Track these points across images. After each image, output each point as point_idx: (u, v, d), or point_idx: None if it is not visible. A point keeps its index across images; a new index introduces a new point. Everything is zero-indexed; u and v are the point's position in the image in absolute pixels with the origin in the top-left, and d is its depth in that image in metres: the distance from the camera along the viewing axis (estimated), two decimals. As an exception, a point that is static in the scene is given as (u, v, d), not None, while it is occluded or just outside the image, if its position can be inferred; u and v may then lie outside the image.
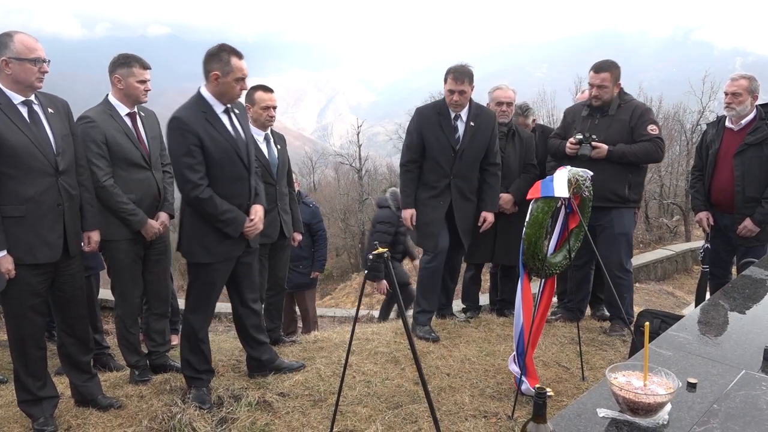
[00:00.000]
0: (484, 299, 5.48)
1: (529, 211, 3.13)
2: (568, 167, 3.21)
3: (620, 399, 1.62)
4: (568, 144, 4.44)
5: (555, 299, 6.06)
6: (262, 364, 3.70)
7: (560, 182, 3.04)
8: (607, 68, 4.43)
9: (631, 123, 4.38)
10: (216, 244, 3.28)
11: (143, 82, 3.58)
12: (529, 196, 3.17)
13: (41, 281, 2.99)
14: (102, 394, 3.39)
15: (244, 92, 3.55)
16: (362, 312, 7.14)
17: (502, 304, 5.04)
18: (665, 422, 1.58)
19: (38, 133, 2.93)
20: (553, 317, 4.94)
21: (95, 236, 3.30)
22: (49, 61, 2.95)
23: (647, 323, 1.75)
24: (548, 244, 3.34)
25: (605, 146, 4.31)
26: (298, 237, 4.63)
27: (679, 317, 3.94)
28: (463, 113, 4.25)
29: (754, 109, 4.36)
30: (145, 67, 3.60)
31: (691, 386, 1.76)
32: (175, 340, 5.64)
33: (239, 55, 3.20)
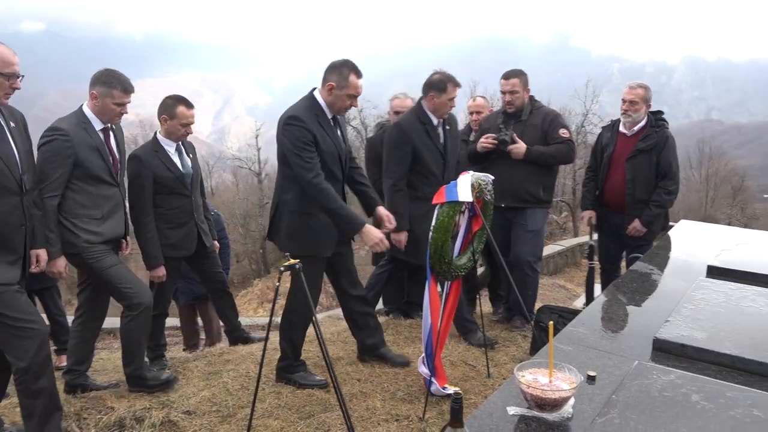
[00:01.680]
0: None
1: (434, 215, 3.19)
2: (471, 172, 3.32)
3: (528, 396, 1.69)
4: (483, 140, 4.55)
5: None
6: (368, 348, 3.94)
7: (464, 187, 3.14)
8: (515, 75, 4.60)
9: (543, 127, 4.55)
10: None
11: (121, 105, 3.45)
12: (434, 201, 3.23)
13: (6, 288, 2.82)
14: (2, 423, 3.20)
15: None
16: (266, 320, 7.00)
17: (409, 307, 5.12)
18: (570, 415, 1.66)
19: (5, 149, 2.80)
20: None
21: (43, 254, 3.16)
22: (23, 76, 2.83)
23: (551, 322, 1.84)
24: (454, 247, 3.43)
25: (524, 145, 4.46)
26: (217, 245, 4.62)
27: (574, 311, 4.18)
28: (437, 119, 4.20)
29: (646, 117, 4.70)
30: (128, 91, 3.46)
31: (591, 379, 1.86)
32: (65, 360, 5.27)
33: (358, 74, 3.39)
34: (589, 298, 5.29)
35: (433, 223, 3.18)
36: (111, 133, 3.55)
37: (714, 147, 46.68)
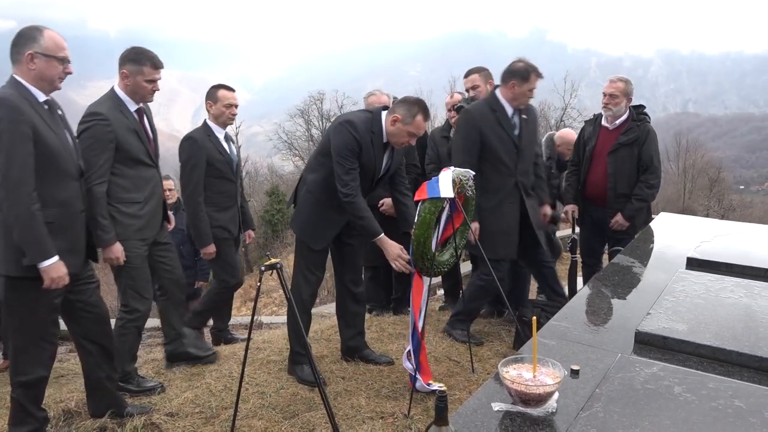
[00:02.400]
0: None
1: (416, 212, 3.19)
2: (452, 168, 3.32)
3: (512, 392, 1.69)
4: (452, 115, 4.68)
5: (441, 292, 6.26)
6: (350, 348, 3.90)
7: (445, 183, 3.13)
8: (474, 71, 4.66)
9: None
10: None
11: (152, 81, 3.45)
12: (416, 198, 3.23)
13: (60, 294, 2.83)
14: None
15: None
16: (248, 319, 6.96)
17: (397, 303, 5.12)
18: (554, 410, 1.66)
19: (64, 136, 2.85)
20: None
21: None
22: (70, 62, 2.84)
23: (534, 317, 1.84)
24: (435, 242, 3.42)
25: None
26: (252, 234, 4.88)
27: (556, 305, 4.19)
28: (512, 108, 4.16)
29: (628, 111, 4.73)
30: (157, 66, 3.46)
31: (575, 373, 1.87)
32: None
33: (426, 116, 3.39)
34: (572, 291, 5.32)
35: (415, 219, 3.18)
36: (144, 115, 3.54)
37: (691, 139, 47.30)
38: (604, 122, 4.82)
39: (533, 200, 4.30)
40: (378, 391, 3.48)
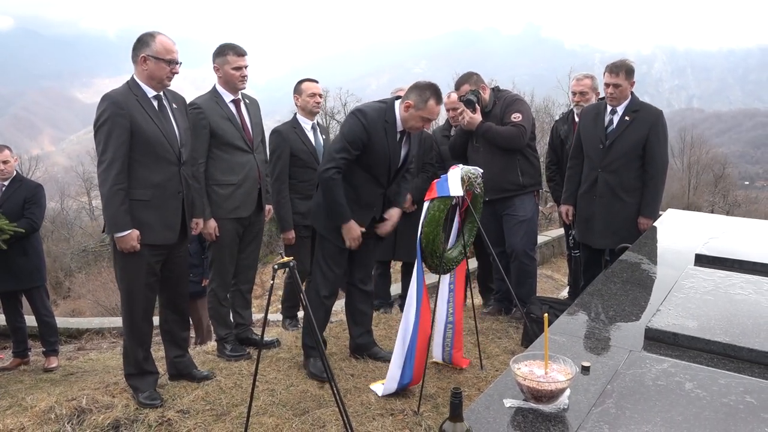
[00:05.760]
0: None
1: (425, 210, 3.19)
2: (460, 166, 3.32)
3: (524, 388, 1.71)
4: (450, 115, 4.77)
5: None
6: (358, 346, 3.93)
7: (454, 181, 3.14)
8: (462, 81, 4.62)
9: (501, 115, 4.57)
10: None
11: (238, 68, 3.83)
12: (426, 198, 3.23)
13: (157, 261, 3.31)
14: (196, 367, 3.66)
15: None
16: (257, 316, 6.98)
17: (404, 300, 5.12)
18: (566, 406, 1.68)
19: (167, 126, 3.25)
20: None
21: (201, 222, 3.68)
22: (181, 63, 3.25)
23: (546, 314, 1.85)
24: (445, 240, 3.43)
25: (479, 117, 4.52)
26: None
27: (564, 302, 4.21)
28: (621, 108, 4.29)
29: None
30: (240, 54, 3.85)
31: (585, 369, 1.88)
32: (54, 362, 5.23)
33: (438, 101, 3.39)
34: (576, 285, 5.31)
35: (424, 217, 3.19)
36: (243, 105, 3.93)
37: (695, 135, 47.20)
38: (577, 119, 4.82)
39: (617, 203, 4.29)
40: (387, 388, 3.49)
